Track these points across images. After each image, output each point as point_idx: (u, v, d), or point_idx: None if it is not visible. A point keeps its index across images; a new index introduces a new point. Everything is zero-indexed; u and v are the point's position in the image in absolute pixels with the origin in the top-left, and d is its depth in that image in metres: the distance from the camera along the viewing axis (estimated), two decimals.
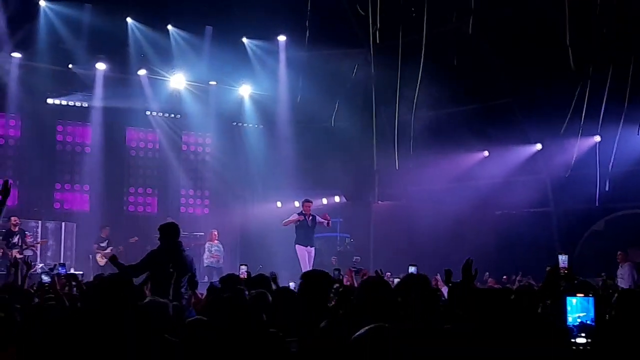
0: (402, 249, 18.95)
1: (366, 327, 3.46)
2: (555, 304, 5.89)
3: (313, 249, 15.64)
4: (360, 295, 4.90)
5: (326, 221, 15.62)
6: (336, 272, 9.62)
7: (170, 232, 8.87)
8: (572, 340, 4.44)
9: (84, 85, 18.84)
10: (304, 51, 17.47)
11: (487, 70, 17.94)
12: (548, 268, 6.50)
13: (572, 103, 11.34)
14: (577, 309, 4.59)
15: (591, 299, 4.59)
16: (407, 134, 13.44)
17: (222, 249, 18.21)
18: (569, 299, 4.58)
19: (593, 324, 4.51)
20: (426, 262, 16.94)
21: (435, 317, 5.12)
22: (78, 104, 19.35)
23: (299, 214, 15.60)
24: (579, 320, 4.57)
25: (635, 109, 12.13)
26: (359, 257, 18.08)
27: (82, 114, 19.51)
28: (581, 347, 4.40)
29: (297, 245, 15.58)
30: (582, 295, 4.58)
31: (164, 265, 8.48)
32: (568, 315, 4.58)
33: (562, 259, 7.61)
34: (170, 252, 8.69)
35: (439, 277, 13.92)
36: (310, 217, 15.59)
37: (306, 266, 15.01)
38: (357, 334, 3.45)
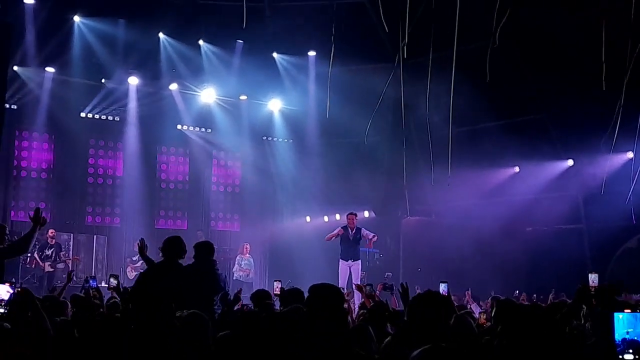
0: (431, 265, 18.85)
1: (422, 348, 3.39)
2: (596, 320, 5.81)
3: (357, 262, 15.16)
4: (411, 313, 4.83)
5: (372, 235, 15.20)
6: (368, 287, 9.58)
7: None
8: (620, 356, 4.36)
9: (117, 100, 19.08)
10: (334, 66, 17.51)
11: (519, 85, 17.82)
12: (579, 286, 6.41)
13: (612, 119, 11.23)
14: (624, 324, 4.50)
15: (639, 315, 4.49)
16: (438, 150, 13.36)
17: (252, 262, 18.19)
18: (616, 314, 4.49)
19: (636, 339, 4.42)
20: (455, 278, 16.88)
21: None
22: (111, 117, 19.58)
23: (342, 227, 15.29)
24: (626, 336, 4.48)
25: None
26: (390, 273, 18.00)
27: (114, 128, 19.75)
28: None
29: (340, 260, 15.29)
30: (629, 310, 4.49)
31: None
32: (615, 331, 4.48)
33: (592, 278, 7.50)
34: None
35: (469, 293, 13.82)
36: (354, 231, 15.16)
37: (343, 281, 14.75)
38: (414, 354, 3.39)
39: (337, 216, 22.33)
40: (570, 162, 19.03)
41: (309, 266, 19.36)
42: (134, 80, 18.67)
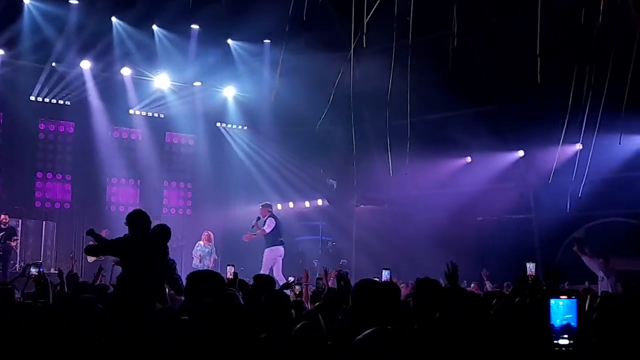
0: (383, 253, 18.99)
1: (369, 330, 3.44)
2: (534, 307, 5.94)
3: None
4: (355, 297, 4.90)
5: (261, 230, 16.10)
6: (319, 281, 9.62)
7: (138, 221, 8.59)
8: (555, 341, 4.50)
9: (68, 84, 18.76)
10: (288, 54, 17.48)
11: (471, 77, 18.01)
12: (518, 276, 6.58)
13: (562, 111, 11.42)
14: (562, 311, 4.65)
15: (574, 302, 4.65)
16: (392, 140, 13.47)
17: (214, 250, 17.92)
18: (552, 301, 4.64)
19: (576, 325, 4.57)
20: (407, 266, 17.06)
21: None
22: (62, 102, 19.24)
23: (272, 217, 16.19)
24: (563, 322, 4.62)
25: (618, 118, 12.23)
26: (345, 260, 18.12)
27: (66, 112, 19.42)
28: (563, 348, 4.46)
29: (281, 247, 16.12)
30: (565, 297, 4.64)
31: (138, 255, 8.29)
32: (552, 317, 4.63)
33: (530, 267, 7.66)
34: (144, 244, 8.43)
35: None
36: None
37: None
38: (360, 336, 3.43)
39: (291, 204, 22.37)
40: (520, 153, 19.33)
41: (261, 254, 19.36)
42: (86, 64, 18.35)
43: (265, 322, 5.09)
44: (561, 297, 4.56)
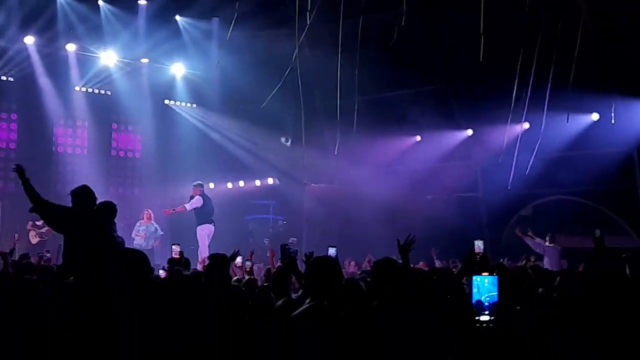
0: (334, 232, 19.03)
1: (306, 305, 3.44)
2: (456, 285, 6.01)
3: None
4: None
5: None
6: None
7: (83, 196, 8.34)
8: (476, 318, 4.56)
9: (10, 59, 18.27)
10: (238, 31, 17.27)
11: (419, 55, 18.07)
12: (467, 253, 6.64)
13: (510, 90, 11.51)
14: (486, 288, 4.71)
15: (495, 278, 4.72)
16: (342, 119, 13.43)
17: (156, 229, 17.67)
18: (474, 278, 4.70)
19: (495, 301, 4.64)
20: (356, 244, 17.12)
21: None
22: (4, 78, 18.74)
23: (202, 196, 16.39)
24: (487, 298, 4.70)
25: (565, 96, 12.37)
26: (295, 239, 18.10)
27: (8, 89, 18.93)
28: (484, 325, 4.52)
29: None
30: (486, 274, 4.70)
31: (79, 229, 8.08)
32: (475, 294, 4.69)
33: (478, 244, 7.74)
34: (87, 218, 8.19)
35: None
36: None
37: None
38: (297, 311, 3.44)
39: (241, 183, 22.24)
40: (469, 132, 19.49)
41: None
42: (29, 40, 17.87)
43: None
44: (482, 274, 4.63)
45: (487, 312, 4.63)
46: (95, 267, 7.48)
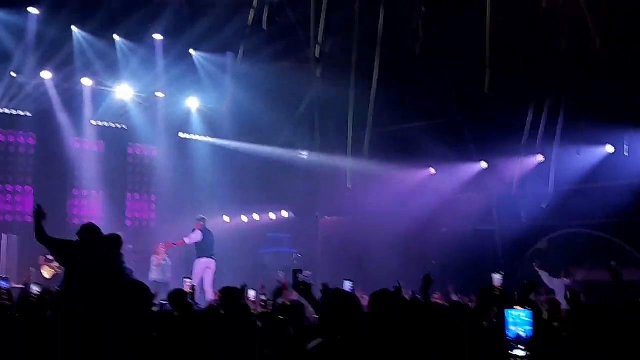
0: (348, 265, 18.95)
1: (318, 339, 3.41)
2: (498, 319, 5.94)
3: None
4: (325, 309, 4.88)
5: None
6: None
7: (88, 232, 8.51)
8: (510, 352, 4.48)
9: (28, 94, 18.48)
10: (253, 64, 17.44)
11: (435, 88, 18.10)
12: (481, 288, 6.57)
13: (524, 123, 11.51)
14: (520, 322, 4.63)
15: (529, 312, 4.63)
16: (356, 150, 13.45)
17: (168, 263, 17.73)
18: (508, 312, 4.61)
19: (531, 336, 4.55)
20: (371, 277, 17.02)
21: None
22: (22, 112, 18.95)
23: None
24: (519, 332, 4.61)
25: (577, 130, 12.38)
26: (309, 273, 18.03)
27: (26, 123, 19.11)
28: (519, 359, 4.44)
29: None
30: (519, 308, 4.62)
31: (82, 261, 8.15)
32: (508, 328, 4.61)
33: (497, 278, 7.59)
34: (91, 251, 8.29)
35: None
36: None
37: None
38: (310, 345, 3.41)
39: (256, 216, 22.25)
40: (483, 164, 19.45)
41: (226, 266, 19.19)
42: (47, 75, 18.10)
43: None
44: (515, 307, 4.55)
45: (522, 347, 4.54)
46: (93, 296, 7.51)
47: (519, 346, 4.53)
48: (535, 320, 4.71)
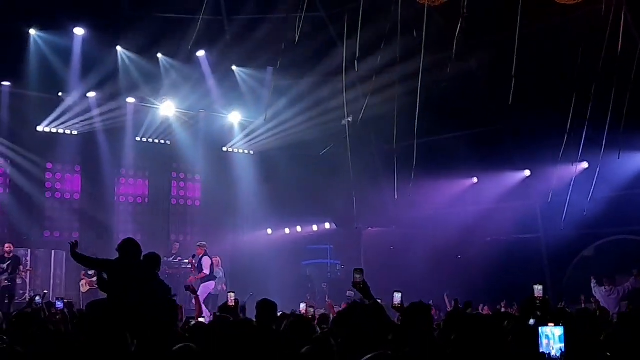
0: (392, 276, 18.92)
1: (369, 355, 3.45)
2: (528, 332, 5.92)
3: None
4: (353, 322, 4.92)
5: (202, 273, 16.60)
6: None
7: (128, 249, 8.73)
8: None
9: (76, 114, 18.87)
10: (293, 79, 17.61)
11: (476, 97, 18.05)
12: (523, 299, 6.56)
13: (567, 130, 11.43)
14: (553, 339, 4.61)
15: (562, 328, 4.61)
16: (399, 162, 13.50)
17: (223, 275, 17.90)
18: (541, 329, 4.61)
19: (563, 351, 4.54)
20: (415, 287, 17.00)
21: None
22: (68, 132, 19.34)
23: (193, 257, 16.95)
24: (551, 350, 4.60)
25: (619, 134, 12.22)
26: (352, 292, 18.04)
27: (73, 142, 19.49)
28: None
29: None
30: (552, 325, 4.61)
31: (122, 279, 8.35)
32: (541, 343, 4.60)
33: (538, 289, 7.58)
34: (129, 268, 8.53)
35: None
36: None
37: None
38: None
39: (299, 228, 22.36)
40: (527, 173, 19.31)
41: (269, 278, 19.34)
42: (91, 94, 18.47)
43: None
44: (549, 324, 4.53)
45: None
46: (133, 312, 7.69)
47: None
48: (567, 336, 4.69)
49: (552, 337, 4.67)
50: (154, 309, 8.01)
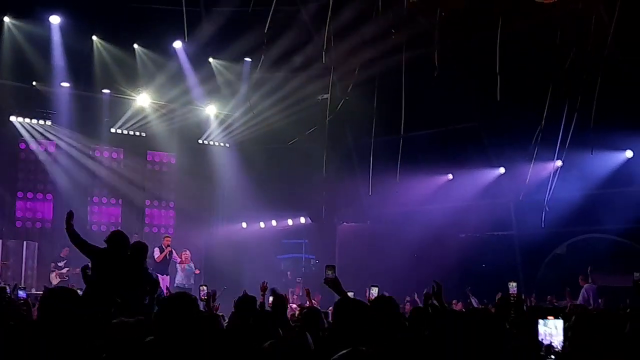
0: (366, 271, 18.96)
1: (343, 351, 3.42)
2: (521, 326, 5.93)
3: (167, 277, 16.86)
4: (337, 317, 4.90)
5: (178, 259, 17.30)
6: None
7: (115, 240, 8.60)
8: None
9: (49, 103, 18.68)
10: (270, 72, 17.54)
11: (452, 94, 18.09)
12: (498, 295, 6.61)
13: (541, 128, 11.49)
14: (550, 332, 4.59)
15: (560, 322, 4.60)
16: (375, 157, 13.51)
17: (193, 269, 17.85)
18: (540, 321, 4.58)
19: (562, 344, 4.51)
20: (389, 283, 17.05)
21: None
22: (42, 121, 19.12)
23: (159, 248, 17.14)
24: (550, 342, 4.59)
25: (593, 133, 12.30)
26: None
27: (47, 132, 19.29)
28: None
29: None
30: (552, 317, 4.61)
31: (108, 267, 8.28)
32: (540, 337, 4.58)
33: (512, 286, 7.70)
34: (118, 260, 8.40)
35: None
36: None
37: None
38: (335, 357, 3.42)
39: (274, 222, 22.32)
40: (501, 170, 19.40)
41: (244, 272, 19.31)
42: (66, 84, 18.27)
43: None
44: (548, 317, 4.52)
45: (553, 357, 4.53)
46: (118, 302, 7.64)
47: (550, 356, 4.51)
48: (566, 329, 4.66)
49: (550, 329, 4.63)
50: (133, 301, 7.98)
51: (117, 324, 4.91)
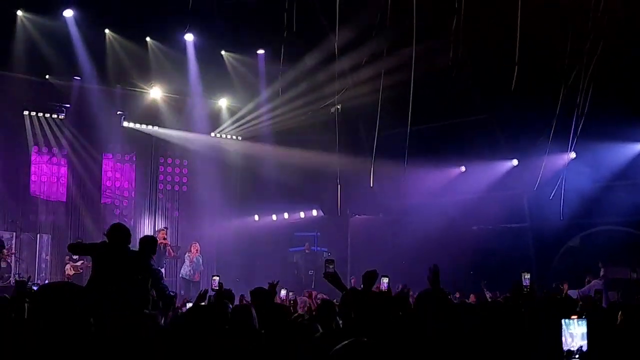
0: (379, 263, 18.91)
1: (345, 342, 3.42)
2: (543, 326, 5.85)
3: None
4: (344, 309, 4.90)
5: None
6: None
7: (115, 234, 8.40)
8: None
9: (63, 97, 18.72)
10: (284, 65, 17.48)
11: (465, 85, 18.01)
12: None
13: (554, 120, 11.43)
14: (576, 333, 4.43)
15: (584, 321, 4.45)
16: (387, 150, 13.46)
17: (200, 262, 17.87)
18: (564, 321, 4.44)
19: (586, 346, 4.38)
20: (401, 276, 17.03)
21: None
22: (55, 115, 19.17)
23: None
24: (575, 344, 4.44)
25: (607, 125, 12.25)
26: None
27: (59, 126, 19.31)
28: None
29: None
30: (575, 317, 4.47)
31: (109, 262, 8.24)
32: (564, 337, 4.43)
33: (525, 277, 7.64)
34: (117, 252, 8.26)
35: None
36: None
37: None
38: (335, 349, 3.41)
39: (286, 215, 22.34)
40: (514, 162, 19.33)
41: (256, 264, 19.35)
42: (78, 77, 18.31)
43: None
44: (572, 317, 4.38)
45: (577, 357, 4.41)
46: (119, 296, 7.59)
47: (575, 356, 4.39)
48: (589, 328, 4.52)
49: (574, 329, 4.48)
50: (131, 295, 7.91)
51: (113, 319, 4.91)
